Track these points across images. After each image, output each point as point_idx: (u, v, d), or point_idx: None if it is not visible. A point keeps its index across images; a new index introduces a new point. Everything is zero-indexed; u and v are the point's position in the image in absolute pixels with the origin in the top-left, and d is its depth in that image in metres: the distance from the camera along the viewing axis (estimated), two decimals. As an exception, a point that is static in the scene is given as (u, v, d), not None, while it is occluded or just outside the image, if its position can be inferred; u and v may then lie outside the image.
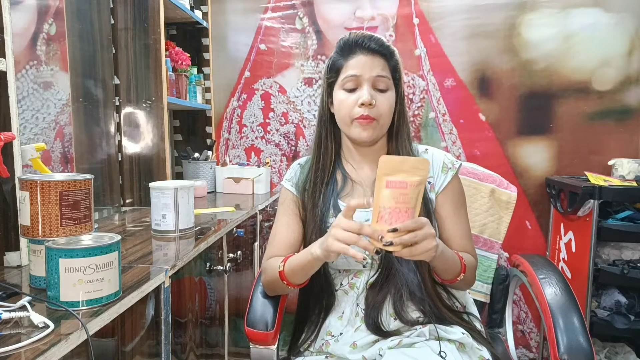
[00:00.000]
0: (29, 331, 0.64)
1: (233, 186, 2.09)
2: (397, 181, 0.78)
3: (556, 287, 1.07)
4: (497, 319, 1.38)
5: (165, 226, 1.25)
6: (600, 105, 2.05)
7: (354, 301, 1.02)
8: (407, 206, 0.80)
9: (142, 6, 1.68)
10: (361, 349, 0.95)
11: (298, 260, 0.97)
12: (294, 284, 1.00)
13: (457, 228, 1.05)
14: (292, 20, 2.23)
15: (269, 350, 1.05)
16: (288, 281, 0.99)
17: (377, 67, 1.00)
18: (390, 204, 0.79)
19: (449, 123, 2.15)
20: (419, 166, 0.79)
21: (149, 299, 0.90)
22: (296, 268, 0.97)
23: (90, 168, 1.52)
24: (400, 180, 0.78)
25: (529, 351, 2.16)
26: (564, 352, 0.93)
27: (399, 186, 0.78)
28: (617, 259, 1.81)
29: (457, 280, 0.99)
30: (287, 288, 1.01)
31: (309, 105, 2.25)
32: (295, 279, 0.99)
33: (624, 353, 1.92)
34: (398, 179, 0.78)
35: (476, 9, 2.09)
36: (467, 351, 0.93)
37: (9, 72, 0.95)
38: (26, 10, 1.22)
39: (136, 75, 1.70)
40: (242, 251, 1.56)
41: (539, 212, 2.11)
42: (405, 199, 0.79)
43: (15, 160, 0.96)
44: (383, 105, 1.00)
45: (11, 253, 0.97)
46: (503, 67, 2.09)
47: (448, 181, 1.06)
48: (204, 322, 1.26)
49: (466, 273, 0.99)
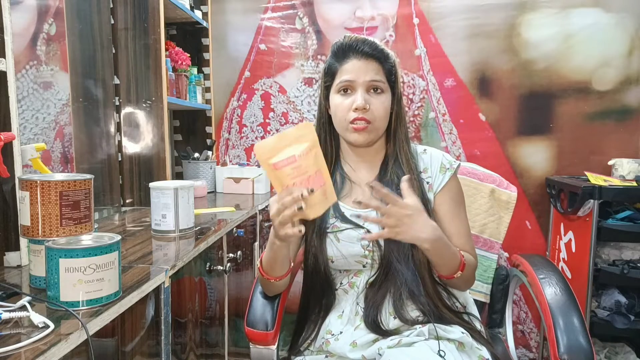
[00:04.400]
0: (29, 331, 0.64)
1: (233, 186, 2.09)
2: (282, 160, 0.79)
3: (556, 287, 1.07)
4: (497, 319, 1.38)
5: (165, 226, 1.25)
6: (600, 105, 2.05)
7: (354, 300, 1.02)
8: (307, 175, 0.81)
9: (142, 6, 1.68)
10: (361, 348, 0.95)
11: (266, 251, 1.00)
12: (274, 277, 1.01)
13: (456, 227, 1.05)
14: (292, 20, 2.23)
15: (269, 350, 1.06)
16: (267, 275, 1.01)
17: (371, 71, 1.00)
18: (287, 181, 0.81)
19: (449, 123, 2.15)
20: (302, 132, 0.80)
21: (149, 299, 0.90)
22: (269, 259, 0.99)
23: (90, 168, 1.52)
24: (286, 157, 0.79)
25: (529, 351, 2.16)
26: (564, 352, 0.93)
27: (287, 163, 0.79)
28: (617, 259, 1.81)
29: (455, 277, 0.99)
30: (271, 283, 1.03)
31: (309, 105, 2.25)
32: (273, 271, 1.01)
33: (624, 353, 1.92)
34: (282, 157, 0.79)
35: (476, 9, 2.09)
36: (466, 351, 0.93)
37: (9, 72, 0.95)
38: (26, 10, 1.22)
39: (136, 75, 1.70)
40: (242, 251, 1.56)
41: (539, 212, 2.11)
42: (301, 171, 0.80)
43: (15, 160, 0.96)
44: (378, 109, 1.01)
45: (11, 253, 0.97)
46: (503, 67, 2.09)
47: (446, 181, 1.06)
48: (204, 322, 1.27)
49: (464, 271, 0.99)
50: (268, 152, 0.80)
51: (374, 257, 1.01)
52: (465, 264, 0.99)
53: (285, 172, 0.80)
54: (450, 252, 0.97)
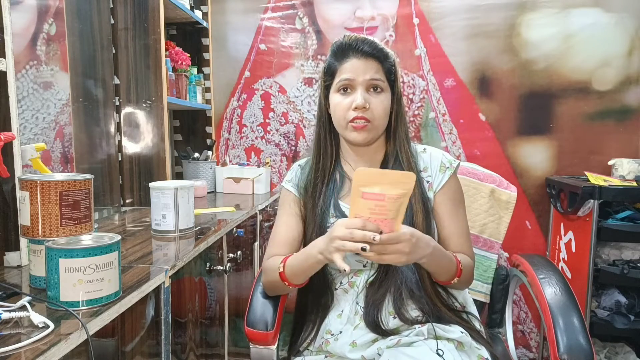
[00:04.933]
0: (29, 331, 0.64)
1: (233, 186, 2.09)
2: (373, 193, 0.80)
3: (556, 287, 1.07)
4: (497, 319, 1.38)
5: (165, 226, 1.25)
6: (600, 105, 2.05)
7: (354, 300, 1.02)
8: (384, 217, 0.82)
9: (142, 6, 1.68)
10: (360, 348, 0.95)
11: (299, 262, 0.98)
12: (294, 284, 1.01)
13: (455, 226, 1.05)
14: (292, 20, 2.23)
15: (269, 350, 1.05)
16: (289, 282, 1.00)
17: (370, 70, 1.01)
18: (365, 213, 0.82)
19: (449, 123, 2.15)
20: (403, 180, 0.80)
21: (149, 299, 0.90)
22: (297, 269, 0.98)
23: (90, 168, 1.52)
24: (377, 192, 0.80)
25: (529, 351, 2.16)
26: (564, 352, 0.93)
27: (374, 198, 0.80)
28: (617, 259, 1.81)
29: (452, 283, 1.00)
30: (288, 288, 1.03)
31: (309, 105, 2.25)
32: (296, 279, 1.00)
33: (624, 353, 1.92)
34: (374, 190, 0.80)
35: (476, 9, 2.09)
36: (465, 350, 0.93)
37: (9, 72, 0.95)
38: (26, 10, 1.22)
39: (136, 75, 1.70)
40: (242, 251, 1.56)
41: (539, 212, 2.11)
42: (382, 211, 0.81)
43: (15, 160, 0.96)
44: (377, 108, 1.01)
45: (11, 253, 0.97)
46: (503, 67, 2.09)
47: (446, 180, 1.06)
48: (204, 322, 1.26)
49: (461, 277, 1.00)
50: (365, 179, 0.81)
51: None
52: (462, 270, 1.00)
53: (368, 205, 0.81)
54: (446, 260, 0.97)
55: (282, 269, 1.00)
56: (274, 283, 1.04)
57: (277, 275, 1.01)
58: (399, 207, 0.82)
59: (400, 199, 0.80)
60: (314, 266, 0.95)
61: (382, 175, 0.82)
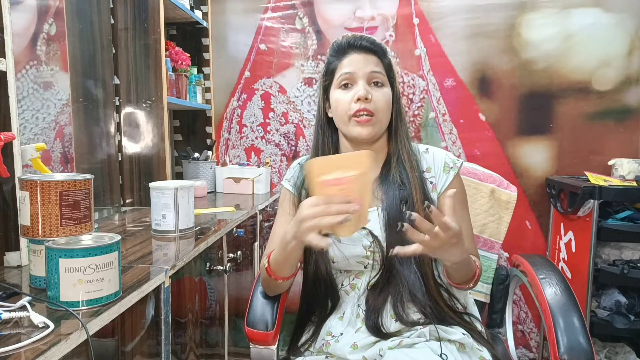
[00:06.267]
0: (29, 331, 0.64)
1: (233, 186, 2.09)
2: (332, 179, 0.81)
3: (556, 287, 1.07)
4: (497, 319, 1.38)
5: (165, 226, 1.25)
6: (600, 105, 2.05)
7: (355, 302, 1.02)
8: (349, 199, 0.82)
9: (142, 6, 1.68)
10: (361, 350, 0.95)
11: (278, 253, 0.96)
12: (281, 277, 0.99)
13: (461, 228, 1.04)
14: (292, 20, 2.23)
15: (269, 350, 1.05)
16: (275, 275, 0.99)
17: (370, 63, 1.01)
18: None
19: (449, 123, 2.15)
20: (358, 159, 0.81)
21: (149, 299, 0.90)
22: (279, 261, 0.97)
23: (90, 168, 1.52)
24: (337, 177, 0.81)
25: (529, 351, 2.16)
26: (564, 352, 0.93)
27: (335, 183, 0.81)
28: (617, 259, 1.80)
29: (467, 287, 1.00)
30: (277, 282, 1.01)
31: (309, 105, 2.25)
32: (280, 272, 0.98)
33: (624, 353, 1.92)
34: (333, 176, 0.81)
35: (476, 9, 2.09)
36: (467, 352, 0.93)
37: (9, 72, 0.95)
38: (26, 10, 1.22)
39: (136, 75, 1.70)
40: (242, 251, 1.56)
41: (539, 212, 2.11)
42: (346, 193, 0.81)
43: (15, 160, 0.96)
44: (380, 100, 1.00)
45: (11, 253, 0.97)
46: (503, 67, 2.09)
47: (450, 181, 1.06)
48: (204, 322, 1.26)
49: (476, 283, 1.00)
50: (318, 169, 0.81)
51: (375, 258, 1.01)
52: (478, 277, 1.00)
53: (330, 191, 0.82)
54: (469, 268, 0.96)
55: (267, 263, 1.00)
56: (265, 280, 1.05)
57: (265, 271, 1.01)
58: (362, 186, 0.82)
59: (360, 178, 0.81)
60: (292, 254, 0.93)
61: (335, 160, 0.84)
